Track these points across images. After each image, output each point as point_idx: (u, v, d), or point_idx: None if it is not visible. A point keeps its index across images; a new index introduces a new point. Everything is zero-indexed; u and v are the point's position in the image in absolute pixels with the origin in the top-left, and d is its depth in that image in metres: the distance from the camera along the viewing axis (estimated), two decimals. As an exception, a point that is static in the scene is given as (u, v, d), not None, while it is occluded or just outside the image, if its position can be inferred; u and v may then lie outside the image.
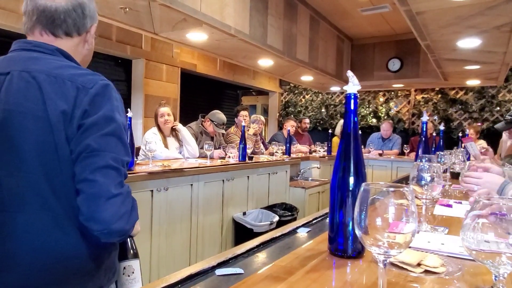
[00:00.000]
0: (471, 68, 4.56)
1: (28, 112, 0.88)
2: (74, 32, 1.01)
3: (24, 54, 0.96)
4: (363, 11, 4.51)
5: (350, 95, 0.82)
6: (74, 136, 0.88)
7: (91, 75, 0.94)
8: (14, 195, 0.88)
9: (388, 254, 0.58)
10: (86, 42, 1.06)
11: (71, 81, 0.90)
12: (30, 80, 0.90)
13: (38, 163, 0.87)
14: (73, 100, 0.88)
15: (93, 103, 0.89)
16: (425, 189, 1.08)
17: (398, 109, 7.15)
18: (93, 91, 0.90)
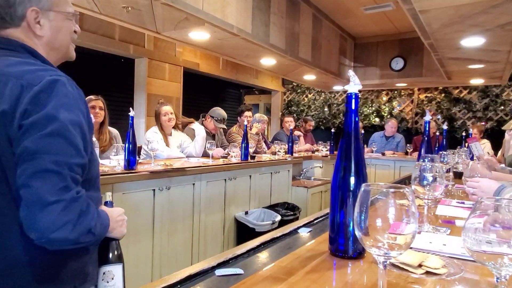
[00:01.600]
0: (474, 67, 4.53)
1: None
2: (6, 24, 0.92)
3: None
4: (366, 9, 4.49)
5: (351, 95, 0.82)
6: (15, 138, 0.81)
7: (42, 71, 0.86)
8: None
9: (388, 256, 0.58)
10: (33, 31, 0.93)
11: (16, 79, 0.83)
12: None
13: None
14: (15, 99, 0.81)
15: (35, 101, 0.82)
16: (427, 189, 1.07)
17: (401, 108, 7.13)
18: (37, 88, 0.82)
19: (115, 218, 1.00)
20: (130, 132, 2.36)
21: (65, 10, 0.99)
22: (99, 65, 5.26)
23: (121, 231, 1.01)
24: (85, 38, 4.22)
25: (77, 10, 2.48)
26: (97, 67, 5.25)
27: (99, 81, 5.23)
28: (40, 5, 0.94)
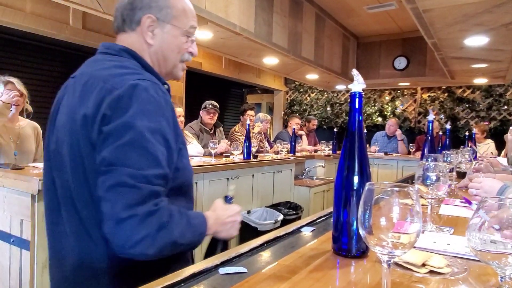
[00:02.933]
0: (478, 67, 4.51)
1: (68, 114, 0.86)
2: (124, 26, 0.96)
3: (92, 57, 0.96)
4: (369, 9, 4.48)
5: (355, 94, 0.82)
6: (97, 143, 0.80)
7: (129, 75, 0.84)
8: (63, 196, 0.87)
9: (392, 254, 0.58)
10: (144, 37, 0.95)
11: (104, 82, 0.82)
12: (79, 82, 0.88)
13: (70, 168, 0.84)
14: (98, 103, 0.80)
15: (114, 106, 0.79)
16: (431, 188, 1.07)
17: (404, 108, 7.11)
18: (118, 92, 0.80)
19: (223, 220, 0.97)
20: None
21: (182, 27, 0.98)
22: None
23: (230, 233, 0.98)
24: (88, 38, 4.23)
25: (81, 9, 2.49)
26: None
27: (102, 80, 5.24)
28: (159, 14, 0.94)
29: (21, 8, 3.61)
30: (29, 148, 2.66)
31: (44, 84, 4.62)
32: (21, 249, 1.86)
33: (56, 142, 0.88)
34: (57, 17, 3.88)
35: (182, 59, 1.01)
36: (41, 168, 2.09)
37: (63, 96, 0.92)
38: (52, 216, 0.91)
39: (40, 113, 4.35)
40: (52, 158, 0.90)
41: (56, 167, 0.89)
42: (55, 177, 0.89)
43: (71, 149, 0.84)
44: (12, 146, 2.53)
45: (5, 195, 1.95)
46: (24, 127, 2.65)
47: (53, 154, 0.90)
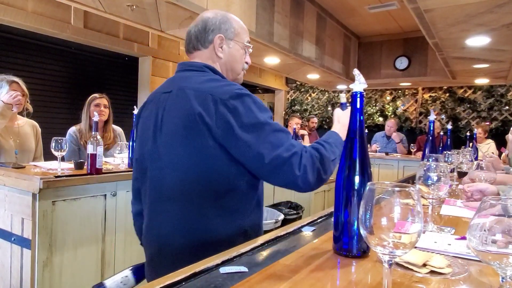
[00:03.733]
0: (479, 67, 4.51)
1: (180, 122, 1.06)
2: (199, 46, 1.21)
3: (181, 74, 1.20)
4: (371, 8, 4.48)
5: (356, 94, 0.82)
6: (223, 139, 1.02)
7: (227, 86, 1.07)
8: (174, 188, 1.07)
9: (393, 254, 0.58)
10: (216, 52, 1.20)
11: (211, 94, 1.04)
12: (182, 95, 1.08)
13: (188, 163, 1.05)
14: (213, 110, 1.01)
15: (232, 112, 1.01)
16: (432, 188, 1.07)
17: (405, 108, 7.10)
18: (229, 100, 1.02)
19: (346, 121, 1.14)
20: (134, 130, 2.36)
21: (242, 42, 1.24)
22: (104, 63, 5.28)
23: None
24: (90, 37, 4.23)
25: (82, 8, 2.49)
26: (102, 66, 5.27)
27: (104, 80, 5.25)
28: (226, 34, 1.20)
29: (22, 7, 3.61)
30: (29, 147, 2.67)
31: (45, 83, 4.63)
32: (22, 248, 1.86)
33: (167, 145, 1.10)
34: (58, 16, 3.88)
35: (243, 67, 1.28)
36: (42, 167, 2.09)
37: (163, 108, 1.13)
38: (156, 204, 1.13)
39: (41, 112, 4.35)
40: (163, 158, 1.10)
41: (168, 165, 1.09)
42: (167, 174, 1.09)
43: (190, 148, 1.05)
44: (13, 145, 2.54)
45: (6, 194, 1.95)
46: (23, 126, 2.66)
47: (165, 156, 1.10)
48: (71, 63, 4.88)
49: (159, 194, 1.11)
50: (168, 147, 1.09)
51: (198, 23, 1.21)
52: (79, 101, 3.46)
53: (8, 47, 4.36)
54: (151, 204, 1.14)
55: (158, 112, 1.14)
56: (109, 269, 2.13)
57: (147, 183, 1.15)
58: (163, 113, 1.13)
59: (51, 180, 1.81)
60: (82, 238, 2.00)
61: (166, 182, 1.09)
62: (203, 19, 1.21)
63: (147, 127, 1.17)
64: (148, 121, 1.18)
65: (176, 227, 1.08)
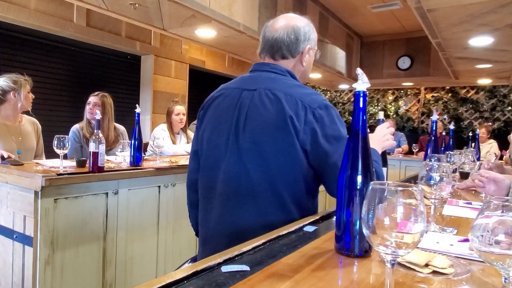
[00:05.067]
0: (482, 67, 4.49)
1: (270, 122, 1.10)
2: (288, 55, 1.23)
3: (264, 74, 1.22)
4: (373, 8, 4.47)
5: (359, 93, 0.81)
6: (306, 144, 1.09)
7: (315, 95, 1.14)
8: (255, 184, 1.12)
9: (396, 254, 0.57)
10: (301, 62, 1.25)
11: (301, 101, 1.10)
12: (271, 96, 1.13)
13: (274, 161, 1.11)
14: (303, 116, 1.08)
15: (319, 119, 1.09)
16: (434, 189, 1.06)
17: (408, 108, 7.09)
18: (318, 109, 1.10)
19: (379, 139, 1.22)
20: (136, 128, 2.37)
21: (315, 49, 1.29)
22: (106, 61, 5.28)
23: (390, 144, 1.24)
24: (92, 35, 4.24)
25: (85, 6, 2.50)
26: (104, 64, 5.27)
27: (106, 78, 5.26)
28: (312, 44, 1.26)
29: (25, 5, 3.62)
30: (31, 145, 2.67)
31: (47, 81, 4.63)
32: (24, 245, 1.87)
33: (252, 142, 1.13)
34: (61, 14, 3.88)
35: None
36: (44, 165, 2.10)
37: (247, 105, 1.16)
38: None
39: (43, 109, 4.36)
40: (245, 153, 1.14)
41: (252, 161, 1.14)
42: (250, 169, 1.13)
43: (276, 148, 1.10)
44: (15, 145, 2.54)
45: (8, 192, 1.96)
46: (24, 124, 2.67)
47: (248, 151, 1.14)
48: (73, 61, 4.88)
49: (237, 187, 1.14)
50: (253, 143, 1.12)
51: (289, 32, 1.22)
52: (81, 99, 3.47)
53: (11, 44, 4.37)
54: (226, 197, 1.16)
55: (241, 108, 1.16)
56: (111, 267, 2.14)
57: (220, 176, 1.17)
58: (247, 110, 1.15)
59: (53, 178, 1.81)
60: (84, 236, 2.00)
61: (247, 177, 1.13)
62: (294, 29, 1.23)
63: (224, 120, 1.19)
64: (225, 115, 1.20)
65: (254, 221, 1.12)
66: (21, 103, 2.52)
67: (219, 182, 1.17)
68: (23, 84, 2.53)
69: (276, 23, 1.25)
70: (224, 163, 1.17)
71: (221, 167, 1.17)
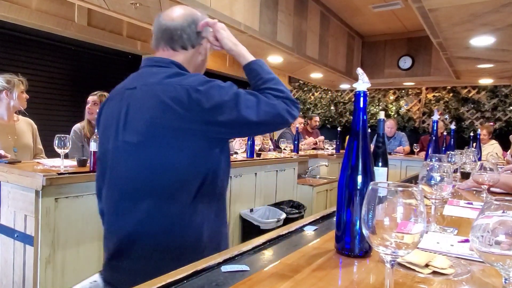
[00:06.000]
0: (484, 67, 4.48)
1: (148, 118, 1.04)
2: (189, 45, 1.18)
3: (146, 70, 1.16)
4: (375, 8, 4.46)
5: (359, 93, 0.81)
6: (199, 125, 1.04)
7: (193, 76, 1.10)
8: (141, 185, 1.07)
9: (395, 255, 0.57)
10: (199, 53, 1.22)
11: (180, 85, 1.05)
12: (149, 91, 1.07)
13: (161, 160, 1.07)
14: (186, 98, 1.02)
15: (204, 94, 1.04)
16: (435, 189, 1.06)
17: (409, 108, 7.08)
18: (201, 88, 1.05)
19: (234, 42, 1.32)
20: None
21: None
22: (107, 61, 5.29)
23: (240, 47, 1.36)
24: (93, 35, 4.24)
25: (86, 6, 2.50)
26: (105, 64, 5.28)
27: (107, 78, 5.26)
28: (208, 34, 1.23)
29: (26, 4, 3.62)
30: (27, 143, 2.68)
31: (48, 81, 4.64)
32: (25, 245, 1.87)
33: (136, 143, 1.07)
34: (62, 14, 3.89)
35: None
36: (45, 164, 2.10)
37: (127, 105, 1.11)
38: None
39: (44, 109, 4.37)
40: (128, 156, 1.08)
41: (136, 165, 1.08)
42: (133, 172, 1.08)
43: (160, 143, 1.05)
44: (11, 143, 2.55)
45: (9, 191, 1.96)
46: (19, 123, 2.68)
47: (131, 154, 1.08)
48: (75, 60, 4.89)
49: (124, 191, 1.08)
50: (135, 145, 1.06)
51: (189, 21, 1.18)
52: (82, 98, 3.47)
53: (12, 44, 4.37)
54: (116, 201, 1.11)
55: (122, 109, 1.11)
56: (111, 267, 2.14)
57: (111, 181, 1.12)
58: (127, 110, 1.09)
59: (54, 177, 1.81)
60: (85, 235, 2.00)
61: (132, 180, 1.07)
62: (193, 18, 1.19)
63: (109, 125, 1.14)
64: (110, 119, 1.14)
65: (147, 224, 1.06)
66: (13, 102, 2.54)
67: (111, 187, 1.13)
68: (17, 84, 2.55)
69: (172, 12, 1.21)
70: (111, 168, 1.12)
71: (110, 172, 1.12)
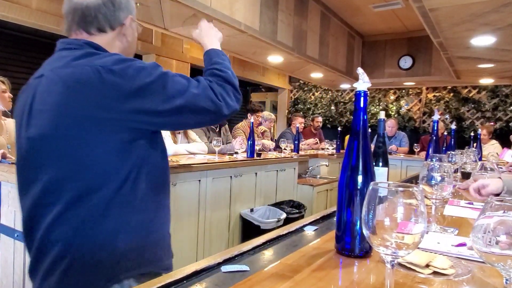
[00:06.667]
0: (484, 67, 4.48)
1: (54, 110, 0.90)
2: (107, 27, 1.02)
3: (56, 54, 1.00)
4: (375, 7, 4.46)
5: (360, 93, 0.81)
6: (116, 111, 0.89)
7: (108, 56, 0.94)
8: (49, 188, 0.94)
9: (396, 255, 0.57)
10: (123, 35, 1.06)
11: (90, 66, 0.89)
12: (56, 78, 0.92)
13: (70, 157, 0.94)
14: (97, 82, 0.87)
15: (120, 75, 0.89)
16: (435, 189, 1.06)
17: (409, 108, 7.07)
18: (115, 67, 0.89)
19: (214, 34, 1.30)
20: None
21: (136, 20, 1.11)
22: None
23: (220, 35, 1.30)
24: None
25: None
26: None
27: (107, 77, 5.26)
28: (133, 13, 1.08)
29: (27, 4, 3.62)
30: None
31: (49, 80, 4.64)
32: (25, 244, 1.87)
33: (39, 138, 0.93)
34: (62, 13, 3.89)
35: None
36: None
37: (33, 96, 0.96)
38: None
39: (45, 109, 4.36)
40: (33, 154, 0.96)
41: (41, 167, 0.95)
42: (41, 173, 0.94)
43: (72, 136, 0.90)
44: (4, 141, 2.56)
45: (9, 190, 1.96)
46: (8, 122, 2.70)
47: (35, 152, 0.95)
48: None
49: (34, 196, 0.95)
50: (38, 141, 0.92)
51: None
52: (82, 98, 3.47)
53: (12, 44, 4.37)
54: (28, 208, 0.99)
55: (27, 101, 0.96)
56: (111, 266, 2.14)
57: (22, 186, 1.02)
58: (31, 102, 0.94)
59: (54, 177, 1.81)
60: (85, 235, 2.00)
61: (41, 182, 0.93)
62: None
63: (18, 119, 1.00)
64: (18, 115, 1.00)
65: (55, 232, 0.93)
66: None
67: (20, 194, 1.03)
68: None
69: None
70: (19, 173, 1.02)
71: (22, 173, 1.01)
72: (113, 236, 0.92)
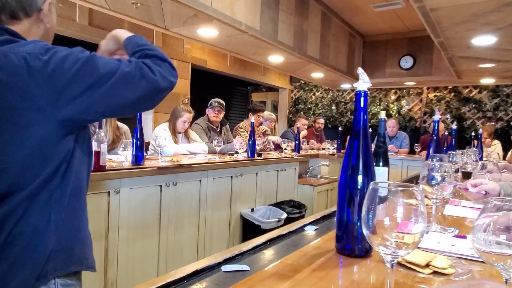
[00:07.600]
0: (485, 66, 4.47)
1: None
2: (22, 14, 0.93)
3: None
4: (376, 7, 4.45)
5: (360, 93, 0.81)
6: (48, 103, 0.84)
7: (31, 43, 0.87)
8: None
9: (395, 255, 0.57)
10: (41, 21, 0.97)
11: (14, 53, 0.83)
12: None
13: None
14: (25, 68, 0.82)
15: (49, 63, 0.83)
16: (436, 189, 1.06)
17: (410, 107, 7.07)
18: (42, 56, 0.84)
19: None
20: (138, 128, 2.37)
21: (54, 2, 1.01)
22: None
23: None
24: (94, 34, 4.24)
25: (87, 6, 2.50)
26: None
27: (108, 77, 5.27)
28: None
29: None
30: None
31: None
32: (26, 244, 1.87)
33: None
34: (63, 14, 3.89)
35: None
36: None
37: None
38: None
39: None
40: None
41: None
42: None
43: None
44: None
45: None
46: None
47: None
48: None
49: None
50: None
51: None
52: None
53: (14, 44, 4.38)
54: None
55: None
56: (112, 266, 2.14)
57: None
58: None
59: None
60: (86, 234, 2.01)
61: None
62: None
63: None
64: None
65: None
66: None
67: None
68: None
69: None
70: None
71: None
72: (40, 234, 0.88)
